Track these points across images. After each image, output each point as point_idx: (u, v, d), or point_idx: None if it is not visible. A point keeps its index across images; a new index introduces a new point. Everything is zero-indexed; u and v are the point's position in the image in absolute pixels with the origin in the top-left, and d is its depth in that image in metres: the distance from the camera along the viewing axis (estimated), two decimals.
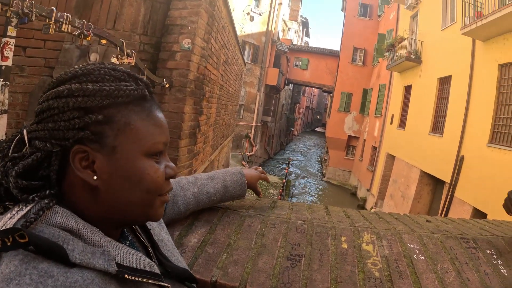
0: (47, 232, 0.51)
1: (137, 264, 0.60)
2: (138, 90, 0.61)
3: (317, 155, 38.04)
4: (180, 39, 3.75)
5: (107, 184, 0.58)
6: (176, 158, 3.83)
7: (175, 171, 0.67)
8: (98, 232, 0.58)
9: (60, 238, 0.51)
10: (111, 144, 0.57)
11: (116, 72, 0.62)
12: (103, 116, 0.57)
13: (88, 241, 0.55)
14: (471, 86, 9.37)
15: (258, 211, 1.35)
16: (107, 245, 0.57)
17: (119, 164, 0.58)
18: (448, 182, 9.89)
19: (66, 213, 0.55)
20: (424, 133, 12.19)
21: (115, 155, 0.57)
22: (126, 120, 0.58)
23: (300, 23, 42.28)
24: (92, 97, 0.56)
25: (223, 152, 9.00)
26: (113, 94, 0.57)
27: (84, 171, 0.57)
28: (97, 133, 0.57)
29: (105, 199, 0.59)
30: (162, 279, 0.64)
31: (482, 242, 1.29)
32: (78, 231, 0.55)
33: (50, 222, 0.53)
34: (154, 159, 0.62)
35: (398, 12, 17.80)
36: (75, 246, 0.52)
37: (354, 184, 22.45)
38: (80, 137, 0.56)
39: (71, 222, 0.54)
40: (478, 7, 8.50)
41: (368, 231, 1.25)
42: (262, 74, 23.77)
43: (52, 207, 0.54)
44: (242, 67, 10.67)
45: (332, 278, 1.00)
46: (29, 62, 3.44)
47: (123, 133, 0.58)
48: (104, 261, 0.53)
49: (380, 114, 18.70)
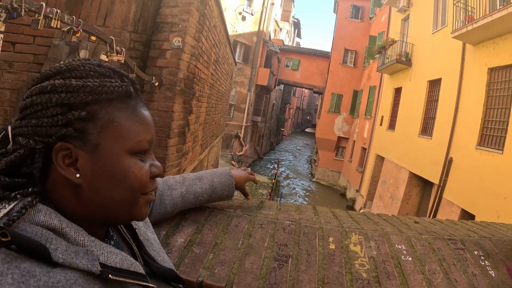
0: (29, 231, 0.50)
1: (122, 264, 0.59)
2: (123, 87, 0.60)
3: (307, 156, 38.18)
4: (171, 37, 3.73)
5: (90, 182, 0.57)
6: (165, 157, 3.81)
7: (160, 170, 0.66)
8: (82, 231, 0.57)
9: (43, 237, 0.50)
10: (94, 142, 0.56)
11: (101, 68, 0.61)
12: (87, 112, 0.56)
13: (72, 240, 0.54)
14: (460, 89, 9.48)
15: (246, 211, 1.33)
16: (90, 245, 0.56)
17: (102, 162, 0.57)
18: (436, 184, 10.00)
19: (50, 212, 0.54)
20: (414, 135, 12.30)
21: (99, 153, 0.56)
22: (109, 117, 0.57)
23: (292, 23, 42.37)
24: (75, 93, 0.56)
25: (213, 151, 8.98)
26: (96, 90, 0.57)
27: (67, 169, 0.56)
28: (80, 130, 0.56)
29: (88, 198, 0.58)
30: (147, 279, 0.64)
31: (470, 243, 1.30)
32: (61, 230, 0.53)
33: (33, 220, 0.52)
34: (139, 157, 0.61)
35: (389, 15, 17.95)
36: (58, 245, 0.51)
37: (344, 184, 22.58)
38: (63, 134, 0.55)
39: (54, 221, 0.53)
40: (469, 11, 8.60)
41: (356, 232, 1.25)
42: (253, 74, 23.73)
43: (35, 205, 0.53)
44: (233, 67, 10.68)
45: (319, 279, 1.00)
46: (18, 58, 3.39)
47: (107, 131, 0.57)
48: (87, 261, 0.52)
49: (370, 115, 18.83)
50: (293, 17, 41.67)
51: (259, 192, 17.15)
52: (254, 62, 23.61)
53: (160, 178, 1.11)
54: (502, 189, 7.07)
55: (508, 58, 7.60)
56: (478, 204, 7.77)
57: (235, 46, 22.03)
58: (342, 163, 24.48)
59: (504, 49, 7.79)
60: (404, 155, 12.87)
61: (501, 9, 7.01)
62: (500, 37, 7.91)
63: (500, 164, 7.29)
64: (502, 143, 7.44)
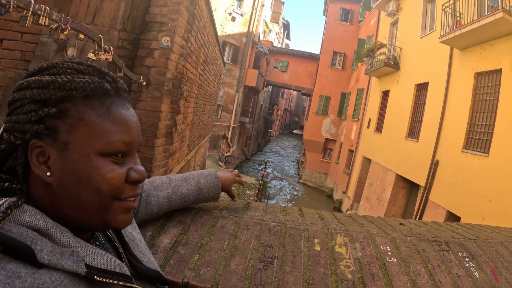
0: (15, 232, 0.49)
1: (107, 266, 0.59)
2: (95, 83, 0.58)
3: (294, 157, 38.31)
4: (160, 36, 3.71)
5: (59, 181, 0.56)
6: (152, 157, 3.78)
7: (141, 174, 0.62)
8: (68, 232, 0.56)
9: (29, 238, 0.50)
10: (63, 140, 0.55)
11: (80, 66, 0.60)
12: (57, 110, 0.55)
13: (57, 241, 0.54)
14: (447, 93, 9.63)
15: (232, 212, 1.33)
16: (76, 246, 0.56)
17: (71, 161, 0.55)
18: (423, 186, 10.12)
19: (35, 212, 0.54)
20: (400, 137, 12.44)
21: (68, 152, 0.55)
22: (80, 115, 0.56)
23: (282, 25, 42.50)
24: (46, 89, 0.56)
25: (200, 152, 8.95)
26: (65, 86, 0.55)
27: (39, 166, 0.56)
28: (51, 128, 0.55)
29: (58, 198, 0.57)
30: (133, 280, 0.64)
31: (455, 245, 1.32)
32: (46, 231, 0.53)
33: (18, 221, 0.51)
34: (112, 159, 0.58)
35: (378, 19, 18.18)
36: (44, 246, 0.50)
37: (330, 186, 22.73)
38: (35, 131, 0.55)
39: (40, 222, 0.53)
40: (457, 16, 8.74)
41: (342, 234, 1.26)
42: (241, 75, 23.72)
43: (21, 205, 0.53)
44: (222, 67, 10.67)
45: (305, 280, 1.01)
46: (5, 54, 3.32)
47: (76, 129, 0.56)
48: (73, 262, 0.52)
49: (358, 118, 19.00)
50: (282, 19, 41.81)
51: (246, 193, 17.12)
52: (242, 63, 23.61)
53: (145, 183, 1.11)
54: (487, 191, 7.19)
55: (495, 63, 7.75)
56: (464, 206, 7.89)
57: (224, 46, 21.98)
58: (329, 164, 24.65)
59: (491, 54, 7.94)
60: (391, 157, 13.00)
61: (489, 15, 7.14)
62: (487, 42, 8.06)
63: (486, 167, 7.42)
64: (488, 147, 7.57)
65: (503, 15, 6.74)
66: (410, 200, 12.00)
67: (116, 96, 0.61)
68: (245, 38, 23.44)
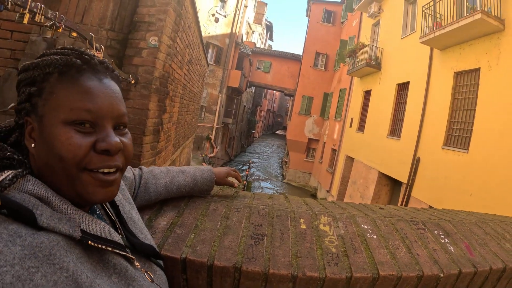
0: (18, 198, 0.55)
1: (101, 233, 0.64)
2: (64, 59, 0.62)
3: (278, 158, 38.43)
4: (147, 36, 3.76)
5: (37, 150, 0.61)
6: (140, 154, 3.83)
7: (109, 144, 0.62)
8: (66, 201, 0.61)
9: (30, 203, 0.55)
10: (40, 113, 0.60)
11: (62, 49, 0.66)
12: (37, 88, 0.61)
13: (56, 208, 0.59)
14: (427, 92, 9.91)
15: (223, 198, 1.41)
16: (73, 213, 0.61)
17: (43, 132, 0.60)
18: (405, 183, 10.36)
19: (37, 182, 0.59)
20: (382, 136, 12.70)
21: (42, 124, 0.60)
22: (51, 90, 0.60)
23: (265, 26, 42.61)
24: (28, 71, 0.63)
25: (185, 152, 8.94)
26: (39, 64, 0.62)
27: (29, 139, 0.62)
28: (34, 105, 0.61)
29: (40, 168, 0.62)
30: (126, 249, 0.68)
31: (431, 224, 1.41)
32: (47, 199, 0.58)
33: (22, 189, 0.57)
34: (77, 128, 0.60)
35: (360, 20, 18.50)
36: (44, 211, 0.55)
37: (314, 185, 22.93)
38: (26, 109, 0.62)
39: (41, 190, 0.58)
40: (437, 18, 8.99)
41: (325, 215, 1.34)
42: (224, 76, 23.68)
43: (25, 176, 0.58)
44: (205, 68, 10.67)
45: (293, 254, 1.08)
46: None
47: (48, 102, 0.60)
48: (69, 227, 0.57)
49: (340, 117, 19.26)
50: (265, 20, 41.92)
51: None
52: (226, 64, 23.58)
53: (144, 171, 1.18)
54: (468, 186, 7.43)
55: (473, 63, 8.02)
56: (445, 201, 8.12)
57: (207, 47, 21.93)
58: (312, 164, 24.85)
59: (469, 54, 8.21)
60: (374, 155, 13.25)
61: (467, 16, 7.39)
62: (466, 42, 8.34)
63: (466, 163, 7.67)
64: (467, 143, 7.82)
65: (482, 16, 6.99)
66: (393, 197, 12.25)
67: (89, 71, 0.64)
68: (228, 39, 23.43)
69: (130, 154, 0.70)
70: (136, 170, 1.17)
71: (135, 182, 1.12)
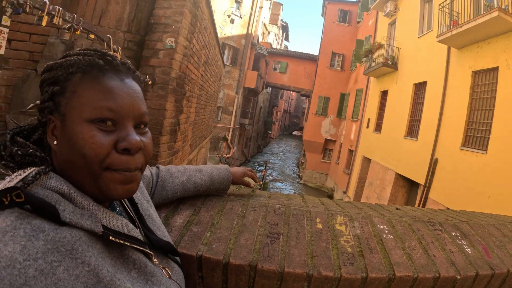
0: (42, 194, 0.56)
1: (122, 229, 0.65)
2: (86, 60, 0.63)
3: (294, 158, 38.30)
4: (164, 37, 3.81)
5: (59, 148, 0.63)
6: (157, 154, 3.89)
7: (130, 143, 0.63)
8: (88, 197, 0.63)
9: (53, 199, 0.57)
10: (63, 112, 0.62)
11: (85, 50, 0.67)
12: (60, 87, 0.63)
13: (78, 204, 0.60)
14: (445, 91, 9.73)
15: (239, 197, 1.42)
16: (95, 209, 0.62)
17: (65, 129, 0.61)
18: (422, 184, 10.19)
19: (60, 179, 0.61)
20: (400, 136, 12.52)
21: (64, 122, 0.62)
22: (73, 89, 0.62)
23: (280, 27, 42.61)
24: (52, 71, 0.64)
25: (201, 152, 8.99)
26: (63, 64, 0.63)
27: (51, 137, 0.64)
28: (56, 103, 0.63)
29: (60, 163, 0.64)
30: (145, 245, 0.70)
31: (448, 225, 1.39)
32: (69, 195, 0.60)
33: (45, 185, 0.58)
34: (99, 126, 0.61)
35: (376, 19, 18.27)
36: (66, 207, 0.57)
37: (331, 186, 22.77)
38: (49, 108, 0.64)
39: (64, 187, 0.60)
40: (454, 16, 8.83)
41: (341, 214, 1.34)
42: (241, 76, 23.78)
43: (48, 172, 0.60)
44: (222, 69, 10.70)
45: (309, 253, 1.08)
46: (14, 54, 3.40)
47: (70, 101, 0.62)
48: (91, 222, 0.58)
49: (357, 118, 19.07)
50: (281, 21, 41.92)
51: None
52: (242, 65, 23.66)
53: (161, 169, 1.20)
54: (486, 188, 7.28)
55: (491, 62, 7.85)
56: (463, 203, 7.95)
57: (223, 48, 22.04)
58: (329, 165, 24.68)
59: (487, 53, 8.03)
60: (390, 156, 13.07)
61: (485, 14, 7.24)
62: (484, 41, 8.16)
63: (484, 164, 7.51)
64: (486, 144, 7.66)
65: (499, 14, 6.84)
66: (410, 198, 12.07)
67: (111, 71, 0.65)
68: (244, 40, 23.51)
69: (150, 153, 0.71)
70: (153, 168, 1.19)
71: (153, 180, 1.14)
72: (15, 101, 3.34)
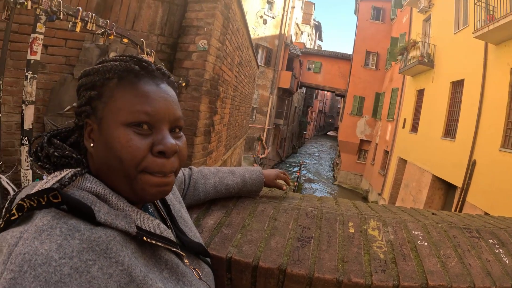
0: (78, 195, 0.58)
1: (155, 229, 0.67)
2: (122, 65, 0.65)
3: (329, 159, 37.86)
4: (197, 39, 3.86)
5: (96, 150, 0.64)
6: (191, 154, 3.95)
7: (166, 146, 0.65)
8: (122, 199, 0.64)
9: (89, 200, 0.58)
10: (100, 116, 0.64)
11: (120, 56, 0.69)
12: (97, 92, 0.65)
13: (113, 205, 0.62)
14: (483, 90, 9.30)
15: (271, 199, 1.42)
16: (129, 210, 0.64)
17: (102, 133, 0.63)
18: (459, 187, 9.79)
19: (95, 181, 0.63)
20: (436, 137, 12.09)
21: (101, 125, 0.63)
22: (110, 93, 0.64)
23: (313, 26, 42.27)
24: (87, 76, 0.67)
25: (236, 153, 9.03)
26: (99, 70, 0.65)
27: (88, 139, 0.66)
28: (94, 107, 0.65)
29: (98, 167, 0.65)
30: (177, 246, 0.71)
31: (485, 232, 1.32)
32: (104, 196, 0.61)
33: (81, 186, 0.60)
34: (136, 130, 0.63)
35: (411, 16, 17.72)
36: (101, 208, 0.59)
37: (366, 188, 22.31)
38: (86, 111, 0.66)
39: (99, 188, 0.62)
40: (490, 10, 8.44)
41: (375, 219, 1.31)
42: (275, 77, 23.87)
43: (84, 174, 0.62)
44: (255, 70, 10.69)
45: (339, 258, 1.06)
46: (50, 59, 3.55)
47: (108, 105, 0.64)
48: (125, 223, 0.60)
49: (393, 118, 18.59)
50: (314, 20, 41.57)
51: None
52: (276, 65, 23.75)
53: (194, 171, 1.22)
54: None
55: None
56: (502, 208, 7.58)
57: (257, 49, 22.23)
58: (364, 166, 24.17)
59: None
60: (427, 157, 12.65)
61: None
62: None
63: None
64: None
65: None
66: (447, 201, 11.61)
67: (146, 76, 0.67)
68: (277, 41, 23.59)
69: (184, 156, 0.71)
70: (186, 170, 1.20)
71: (185, 181, 1.16)
72: (52, 104, 3.52)
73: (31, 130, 2.31)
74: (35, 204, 0.54)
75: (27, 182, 2.25)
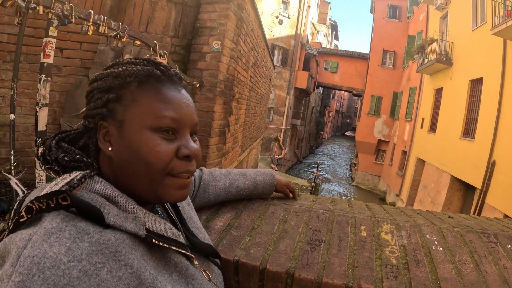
0: (87, 197, 0.58)
1: (165, 232, 0.66)
2: (145, 70, 0.65)
3: (347, 160, 37.50)
4: (210, 40, 3.88)
5: (117, 154, 0.64)
6: (206, 155, 3.97)
7: (191, 151, 0.66)
8: (132, 201, 0.64)
9: (98, 202, 0.58)
10: (120, 119, 0.64)
11: (137, 60, 0.70)
12: (116, 95, 0.64)
13: (122, 207, 0.62)
14: (503, 88, 9.06)
15: (282, 201, 1.41)
16: (138, 212, 0.63)
17: (125, 136, 0.63)
18: (479, 188, 9.56)
19: (104, 183, 0.62)
20: (455, 137, 11.83)
21: (123, 128, 0.63)
22: (133, 97, 0.64)
23: (329, 26, 41.95)
24: (105, 79, 0.66)
25: (252, 153, 9.03)
26: (120, 74, 0.65)
27: (104, 143, 0.65)
28: (111, 110, 0.64)
29: (117, 170, 0.65)
30: (187, 248, 0.71)
31: (503, 237, 1.26)
32: (114, 198, 0.61)
33: (90, 189, 0.60)
34: (161, 135, 0.63)
35: (427, 13, 17.38)
36: (111, 210, 0.58)
37: (383, 189, 22.01)
38: (102, 114, 0.65)
39: (108, 190, 0.61)
40: (508, 6, 8.21)
41: (388, 222, 1.28)
42: (291, 77, 23.81)
43: (93, 176, 0.62)
44: (272, 70, 10.65)
45: (350, 263, 1.03)
46: (66, 62, 3.63)
47: (130, 109, 0.63)
48: (135, 225, 0.60)
49: (410, 117, 18.28)
50: (330, 20, 41.27)
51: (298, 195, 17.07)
52: (292, 65, 23.69)
53: (204, 172, 1.21)
54: None
55: None
56: None
57: (273, 49, 22.23)
58: (382, 166, 23.84)
59: None
60: (446, 158, 12.40)
61: None
62: None
63: None
64: None
65: None
66: (466, 203, 11.34)
67: (167, 81, 0.68)
68: (293, 41, 23.53)
69: (200, 159, 0.72)
70: (196, 171, 1.17)
71: (195, 183, 1.16)
72: (68, 106, 3.60)
73: (45, 131, 2.36)
74: (44, 207, 0.54)
75: (41, 182, 2.33)
